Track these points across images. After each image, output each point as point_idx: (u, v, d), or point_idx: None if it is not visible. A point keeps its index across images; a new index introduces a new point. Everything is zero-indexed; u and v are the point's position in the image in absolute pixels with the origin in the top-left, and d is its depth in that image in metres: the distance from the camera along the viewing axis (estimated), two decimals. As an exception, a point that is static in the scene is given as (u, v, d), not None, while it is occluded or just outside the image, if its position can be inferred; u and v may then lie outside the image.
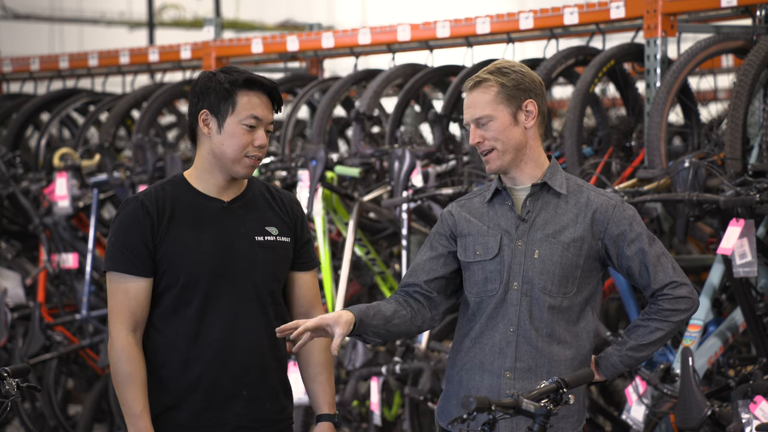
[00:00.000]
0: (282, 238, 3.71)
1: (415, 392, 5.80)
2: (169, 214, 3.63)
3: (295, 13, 18.19)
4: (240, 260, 3.64)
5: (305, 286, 3.77)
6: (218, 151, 3.64)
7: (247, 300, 3.65)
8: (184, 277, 3.61)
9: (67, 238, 7.26)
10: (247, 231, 3.67)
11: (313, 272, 3.80)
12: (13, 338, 7.16)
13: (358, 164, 6.13)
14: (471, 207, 3.72)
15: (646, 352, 3.66)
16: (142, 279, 3.60)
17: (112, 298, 3.62)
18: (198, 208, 3.66)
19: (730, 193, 4.78)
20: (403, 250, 5.93)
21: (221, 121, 3.63)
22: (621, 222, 3.62)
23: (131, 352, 3.60)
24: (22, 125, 7.86)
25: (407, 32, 6.46)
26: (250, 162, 3.65)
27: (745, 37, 5.51)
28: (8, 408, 3.56)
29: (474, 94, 3.62)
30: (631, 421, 5.15)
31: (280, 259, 3.71)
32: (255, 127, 3.64)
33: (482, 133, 3.61)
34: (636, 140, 5.71)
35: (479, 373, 3.64)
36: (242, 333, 3.64)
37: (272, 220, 3.71)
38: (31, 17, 17.35)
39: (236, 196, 3.71)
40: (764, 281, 5.20)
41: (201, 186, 3.69)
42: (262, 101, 3.65)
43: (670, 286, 3.61)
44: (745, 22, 5.66)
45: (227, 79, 3.62)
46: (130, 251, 3.60)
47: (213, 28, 7.42)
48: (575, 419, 3.65)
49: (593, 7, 5.72)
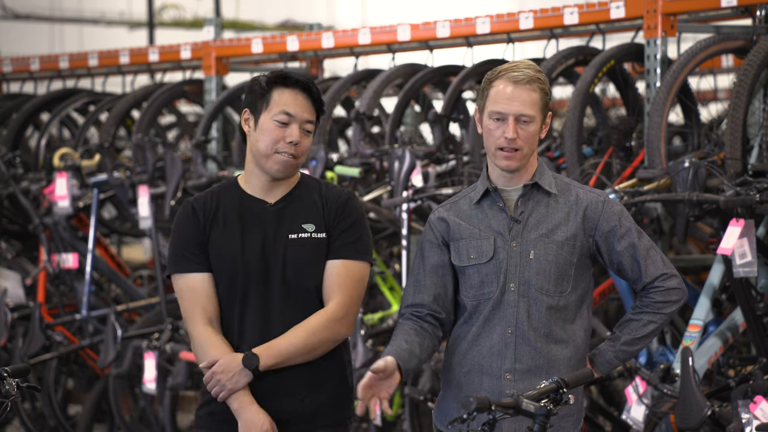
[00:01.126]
0: (318, 235, 3.75)
1: (415, 392, 5.80)
2: (213, 216, 3.74)
3: (295, 13, 18.18)
4: (271, 259, 3.70)
5: (327, 274, 3.76)
6: (254, 148, 3.72)
7: (280, 298, 3.71)
8: (225, 278, 3.72)
9: (67, 238, 7.26)
10: (284, 230, 3.73)
11: (341, 262, 3.75)
12: (13, 338, 7.16)
13: (358, 164, 6.13)
14: (459, 210, 3.72)
15: (639, 345, 3.69)
16: (203, 274, 3.72)
17: (182, 300, 3.75)
18: (242, 209, 3.75)
19: (730, 193, 4.78)
20: (403, 250, 5.93)
21: (257, 118, 3.71)
22: (611, 218, 3.65)
23: (216, 340, 3.69)
24: (22, 125, 7.86)
25: (407, 32, 6.46)
26: (282, 158, 3.69)
27: (745, 37, 5.51)
28: (8, 408, 3.57)
29: (522, 90, 3.59)
30: (631, 421, 5.15)
31: (313, 255, 3.74)
32: (288, 123, 3.68)
33: (519, 130, 3.60)
34: (636, 140, 5.71)
35: (478, 376, 3.64)
36: (274, 331, 3.70)
37: (312, 217, 3.75)
38: (31, 17, 17.34)
39: (283, 196, 3.76)
40: (764, 281, 5.20)
41: (248, 188, 3.78)
42: (298, 98, 3.70)
43: (660, 279, 3.65)
44: (745, 22, 5.66)
45: (266, 77, 3.71)
46: (185, 250, 3.72)
47: (213, 28, 7.42)
48: (575, 418, 3.67)
49: (593, 7, 5.71)
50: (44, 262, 7.27)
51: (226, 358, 3.67)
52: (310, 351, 3.71)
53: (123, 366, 6.88)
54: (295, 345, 3.69)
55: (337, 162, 6.21)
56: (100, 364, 6.91)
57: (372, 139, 6.30)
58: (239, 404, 3.67)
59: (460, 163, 5.95)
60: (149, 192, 6.84)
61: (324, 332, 3.71)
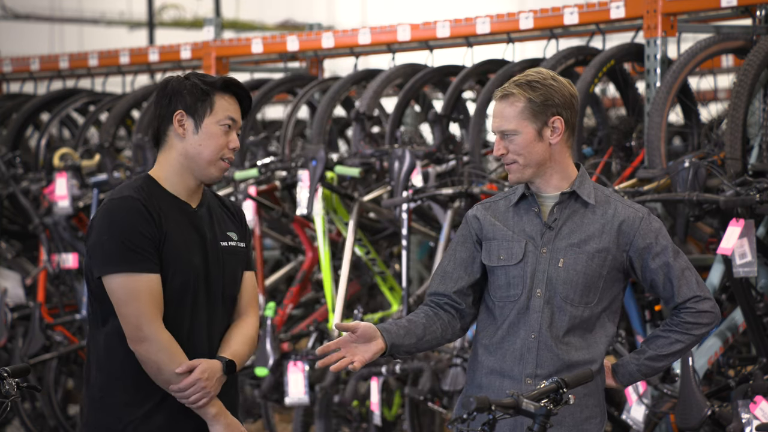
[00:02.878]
0: (240, 244, 3.75)
1: (415, 392, 5.80)
2: (162, 214, 3.61)
3: (295, 13, 18.18)
4: (213, 265, 3.67)
5: (246, 285, 3.76)
6: (194, 152, 3.63)
7: (218, 304, 3.68)
8: (178, 281, 3.61)
9: (67, 238, 7.25)
10: (215, 236, 3.70)
11: (252, 273, 3.80)
12: (13, 338, 7.16)
13: (358, 164, 6.13)
14: (496, 210, 3.71)
15: (664, 363, 3.67)
16: (158, 275, 3.58)
17: (137, 300, 3.54)
18: (178, 210, 3.66)
19: (730, 193, 4.78)
20: (403, 250, 5.93)
21: (198, 122, 3.63)
22: (647, 235, 3.62)
23: (178, 346, 3.58)
24: (22, 125, 7.86)
25: (407, 32, 6.46)
26: (224, 165, 3.67)
27: (745, 37, 5.51)
28: (8, 408, 3.55)
29: (501, 105, 3.60)
30: (631, 421, 5.15)
31: (239, 263, 3.74)
32: (230, 129, 3.66)
33: (506, 145, 3.60)
34: (636, 140, 5.71)
35: (499, 378, 3.64)
36: (214, 338, 3.67)
37: (230, 227, 3.75)
38: (31, 17, 17.34)
39: (200, 202, 3.72)
40: (764, 281, 5.20)
41: (171, 189, 3.67)
42: (235, 103, 3.68)
43: (693, 300, 3.62)
44: (745, 22, 5.66)
45: (202, 80, 3.64)
46: (141, 248, 3.55)
47: (213, 28, 7.42)
48: (599, 420, 3.67)
49: (593, 7, 5.71)
50: (44, 262, 7.27)
51: (208, 363, 3.59)
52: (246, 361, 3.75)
53: (123, 366, 6.87)
54: (248, 353, 3.71)
55: (337, 162, 6.20)
56: (100, 364, 6.89)
57: (372, 139, 6.30)
58: (218, 409, 3.60)
59: (460, 163, 5.95)
60: (149, 192, 6.83)
61: (255, 343, 3.75)
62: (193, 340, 3.63)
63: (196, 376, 3.55)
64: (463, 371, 5.50)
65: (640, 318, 5.38)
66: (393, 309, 6.31)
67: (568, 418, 3.59)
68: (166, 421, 3.61)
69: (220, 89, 3.64)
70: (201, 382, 3.55)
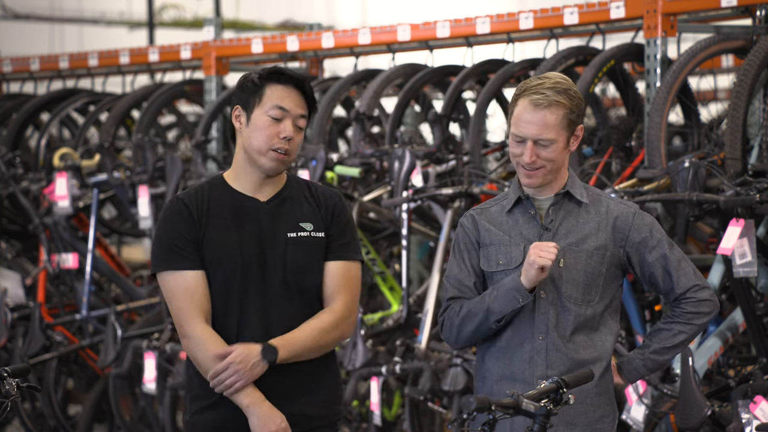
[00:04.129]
0: (316, 234, 3.74)
1: (415, 392, 5.80)
2: (206, 213, 3.69)
3: (295, 13, 18.17)
4: (270, 257, 3.69)
5: (329, 275, 3.76)
6: (247, 144, 3.70)
7: (279, 296, 3.69)
8: (221, 277, 3.67)
9: (67, 238, 7.26)
10: (281, 228, 3.71)
11: (342, 263, 3.77)
12: (13, 338, 7.16)
13: (358, 164, 6.13)
14: (490, 216, 3.72)
15: (668, 355, 3.70)
16: (198, 271, 3.66)
17: (175, 298, 3.66)
18: (234, 207, 3.71)
19: (730, 193, 4.78)
20: (403, 250, 5.93)
21: (249, 114, 3.69)
22: (642, 229, 3.65)
23: (217, 338, 3.64)
24: (22, 125, 7.86)
25: (407, 32, 6.46)
26: (276, 155, 3.68)
27: (745, 37, 5.51)
28: (8, 408, 3.56)
29: (541, 113, 3.57)
30: (631, 421, 5.14)
31: (312, 253, 3.73)
32: (281, 119, 3.67)
33: (539, 152, 3.59)
34: (636, 140, 5.71)
35: (511, 383, 3.64)
36: (274, 330, 3.68)
37: (308, 216, 3.75)
38: (31, 17, 17.33)
39: (274, 195, 3.74)
40: (764, 281, 5.20)
41: (238, 185, 3.74)
42: (291, 94, 3.68)
43: (692, 290, 3.66)
44: (745, 22, 5.66)
45: (258, 73, 3.69)
46: (177, 247, 3.65)
47: (213, 28, 7.42)
48: (611, 419, 3.69)
49: (593, 7, 5.71)
50: (44, 262, 7.27)
51: (244, 348, 3.62)
52: (320, 349, 3.72)
53: (123, 366, 6.88)
54: (308, 342, 3.68)
55: (337, 162, 6.20)
56: (100, 364, 6.91)
57: (372, 139, 6.30)
58: (251, 400, 3.62)
59: (460, 163, 5.95)
60: (149, 192, 6.84)
61: (335, 331, 3.72)
62: (244, 332, 3.67)
63: (229, 360, 3.60)
64: (463, 371, 5.50)
65: (640, 318, 5.38)
66: (393, 309, 6.31)
67: (581, 417, 3.61)
68: (214, 420, 3.69)
69: (270, 79, 3.67)
70: (234, 365, 3.60)
